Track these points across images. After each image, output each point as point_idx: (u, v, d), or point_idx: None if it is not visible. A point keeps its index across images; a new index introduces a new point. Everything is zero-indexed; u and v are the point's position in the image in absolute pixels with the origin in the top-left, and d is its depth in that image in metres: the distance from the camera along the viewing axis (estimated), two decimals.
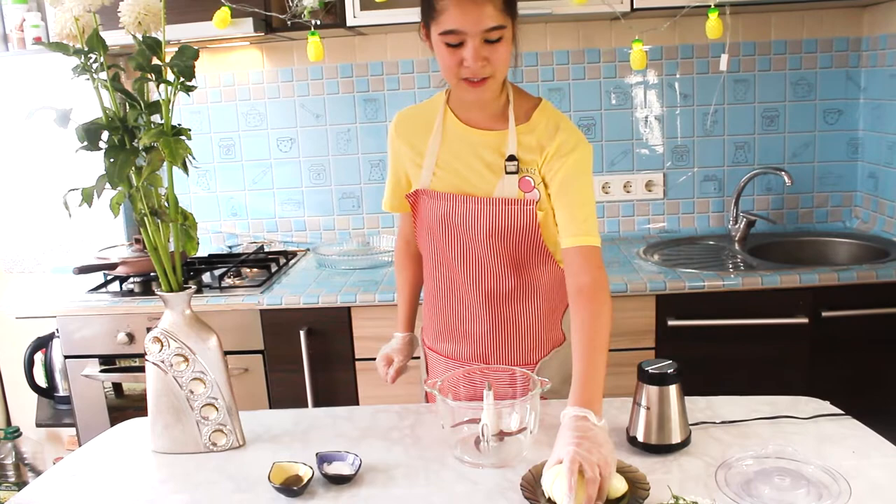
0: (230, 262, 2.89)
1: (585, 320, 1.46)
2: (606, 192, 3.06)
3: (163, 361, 1.48)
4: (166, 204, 1.47)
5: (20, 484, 3.02)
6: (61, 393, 2.95)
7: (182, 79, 1.40)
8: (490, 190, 1.60)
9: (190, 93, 1.43)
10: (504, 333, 1.71)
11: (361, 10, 2.58)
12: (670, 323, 2.42)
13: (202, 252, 3.06)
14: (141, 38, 1.40)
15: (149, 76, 1.41)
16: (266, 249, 3.14)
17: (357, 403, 2.56)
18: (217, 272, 2.74)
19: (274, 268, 2.83)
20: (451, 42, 1.47)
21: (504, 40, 1.48)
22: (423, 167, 1.66)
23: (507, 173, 1.58)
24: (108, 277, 2.75)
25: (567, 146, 1.56)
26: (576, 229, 1.54)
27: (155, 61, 1.41)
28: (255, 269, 2.83)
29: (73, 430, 2.88)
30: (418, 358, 1.92)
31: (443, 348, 1.79)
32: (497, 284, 1.66)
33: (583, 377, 1.39)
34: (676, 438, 1.39)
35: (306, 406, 2.54)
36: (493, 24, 1.45)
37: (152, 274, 2.64)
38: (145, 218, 1.45)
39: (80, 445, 2.21)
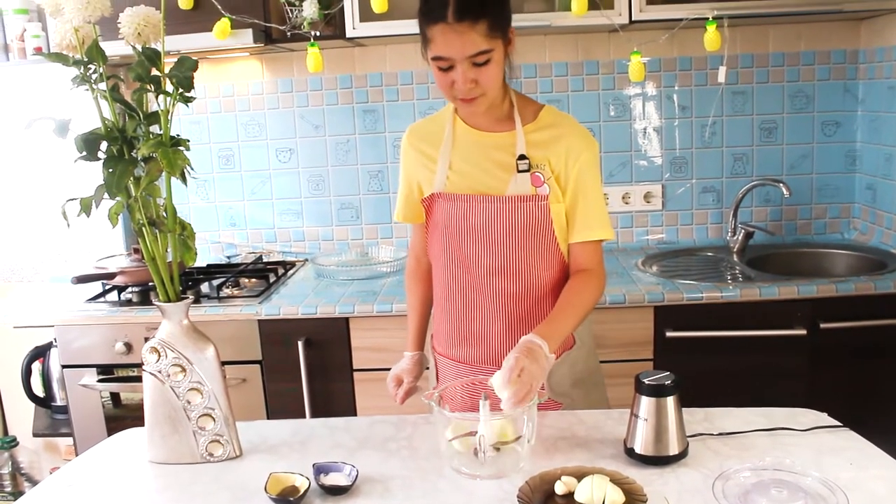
0: (228, 272, 2.89)
1: (575, 288, 1.64)
2: (605, 203, 3.06)
3: (160, 371, 1.48)
4: (164, 214, 1.47)
5: (16, 494, 3.00)
6: (58, 402, 2.94)
7: (181, 90, 1.40)
8: (503, 188, 1.65)
9: (189, 104, 1.44)
10: (516, 335, 1.71)
11: (361, 21, 2.59)
12: (668, 334, 2.42)
13: (200, 262, 3.06)
14: (140, 49, 1.41)
15: (148, 87, 1.41)
16: (264, 260, 3.14)
17: (355, 414, 2.55)
18: (215, 282, 2.74)
19: (272, 278, 2.82)
20: (441, 66, 1.54)
21: (492, 62, 1.53)
22: (436, 172, 1.71)
23: (518, 172, 1.63)
24: (107, 287, 2.75)
25: (577, 147, 1.65)
26: (591, 224, 1.67)
27: (154, 72, 1.42)
28: (253, 280, 2.83)
29: (70, 440, 2.87)
30: (426, 368, 1.92)
31: (455, 353, 1.79)
32: (510, 285, 1.68)
33: (552, 317, 1.57)
34: (674, 450, 1.39)
35: (304, 416, 2.54)
36: (478, 49, 1.50)
37: (150, 284, 2.64)
38: (143, 228, 1.45)
39: (77, 455, 2.20)
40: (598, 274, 1.69)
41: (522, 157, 1.63)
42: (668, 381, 1.40)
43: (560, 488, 1.28)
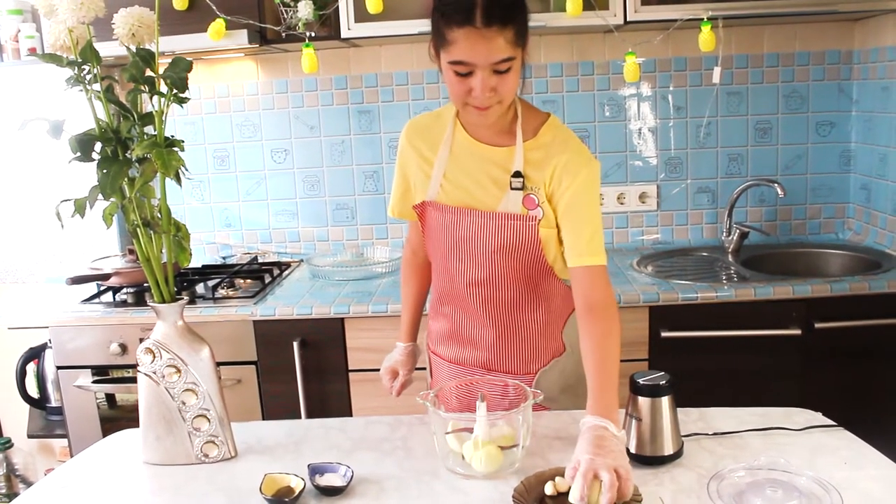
0: (224, 272, 2.88)
1: (597, 337, 1.49)
2: (600, 204, 3.06)
3: (155, 372, 1.48)
4: (159, 215, 1.47)
5: (11, 495, 3.00)
6: (53, 404, 2.93)
7: (175, 90, 1.40)
8: (494, 205, 1.61)
9: (183, 104, 1.43)
10: (506, 342, 1.71)
11: (356, 22, 2.59)
12: (663, 334, 2.42)
13: (196, 263, 3.06)
14: (135, 50, 1.41)
15: (142, 88, 1.41)
16: (260, 260, 3.14)
17: (350, 415, 2.55)
18: (210, 283, 2.73)
19: (267, 279, 2.82)
20: (460, 71, 1.46)
21: (513, 70, 1.47)
22: (431, 177, 1.67)
23: (511, 189, 1.59)
24: (102, 288, 2.75)
25: (574, 164, 1.57)
26: (583, 249, 1.56)
27: (148, 73, 1.41)
28: (248, 280, 2.82)
29: (64, 442, 2.87)
30: (423, 369, 1.92)
31: (447, 353, 1.79)
32: (499, 295, 1.67)
33: (599, 388, 1.42)
34: (669, 450, 1.39)
35: (299, 417, 2.53)
36: (503, 56, 1.44)
37: (145, 284, 2.63)
38: (138, 229, 1.45)
39: (71, 457, 2.20)
40: (609, 305, 1.53)
41: (518, 174, 1.58)
42: (663, 381, 1.40)
43: (555, 488, 1.28)
